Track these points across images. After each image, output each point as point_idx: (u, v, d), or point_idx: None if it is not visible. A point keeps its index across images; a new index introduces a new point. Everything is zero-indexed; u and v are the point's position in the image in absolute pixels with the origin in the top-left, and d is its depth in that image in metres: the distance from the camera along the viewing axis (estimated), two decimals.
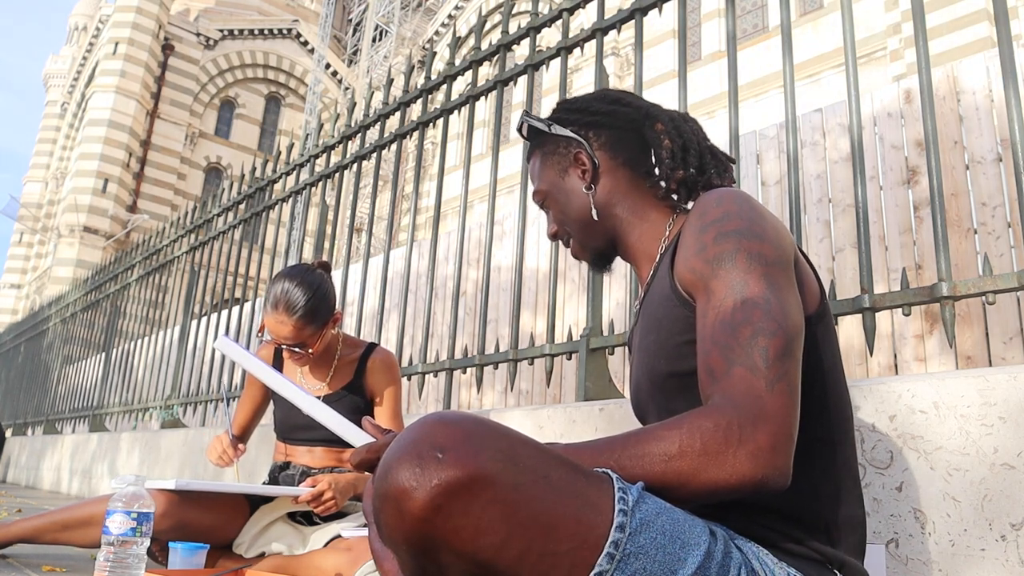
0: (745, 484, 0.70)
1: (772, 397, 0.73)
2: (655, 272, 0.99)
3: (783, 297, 0.79)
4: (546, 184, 1.08)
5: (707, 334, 0.79)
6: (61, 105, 34.95)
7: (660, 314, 0.91)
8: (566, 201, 1.06)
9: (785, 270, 0.82)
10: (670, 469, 0.71)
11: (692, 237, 0.87)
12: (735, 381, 0.74)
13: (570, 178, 1.06)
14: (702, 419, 0.72)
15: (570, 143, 1.06)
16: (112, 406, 5.60)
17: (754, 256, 0.81)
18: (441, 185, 2.89)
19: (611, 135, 1.05)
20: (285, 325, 1.82)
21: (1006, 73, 1.46)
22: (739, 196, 0.87)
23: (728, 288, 0.80)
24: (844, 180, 3.56)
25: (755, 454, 0.70)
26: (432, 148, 18.12)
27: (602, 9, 2.32)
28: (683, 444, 0.71)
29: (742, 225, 0.83)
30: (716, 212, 0.86)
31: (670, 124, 1.05)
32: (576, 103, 1.09)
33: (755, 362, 0.74)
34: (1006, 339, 3.09)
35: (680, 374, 0.88)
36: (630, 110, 1.06)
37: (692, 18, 15.41)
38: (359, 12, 28.89)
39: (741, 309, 0.78)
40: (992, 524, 1.13)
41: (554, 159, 1.07)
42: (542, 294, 4.66)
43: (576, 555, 0.65)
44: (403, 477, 0.63)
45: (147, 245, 5.62)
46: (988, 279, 1.40)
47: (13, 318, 28.13)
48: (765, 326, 0.76)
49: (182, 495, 1.73)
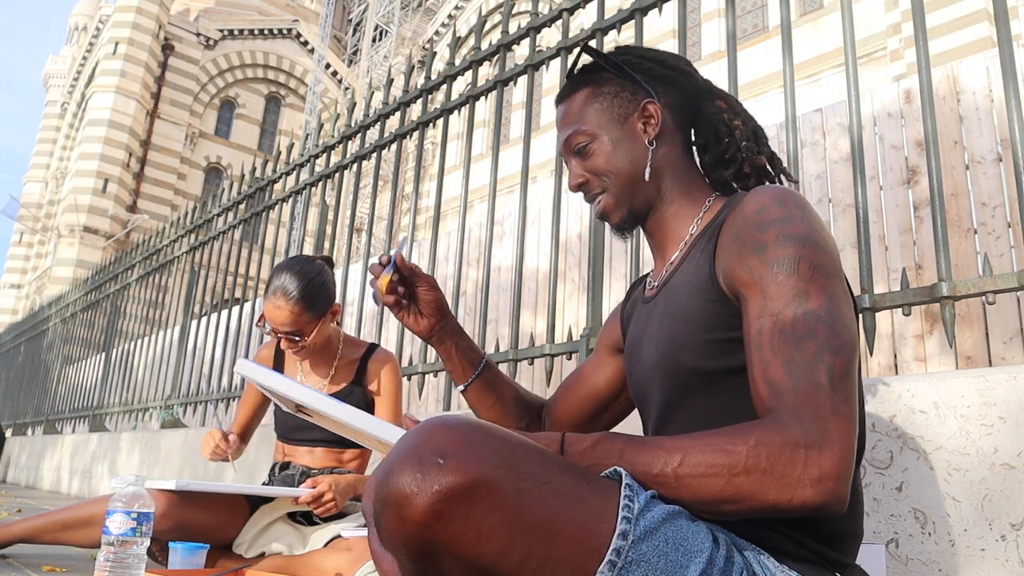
0: (805, 509, 0.69)
1: (837, 421, 0.70)
2: (687, 255, 0.93)
3: (843, 312, 0.77)
4: (596, 126, 0.98)
5: (764, 342, 0.76)
6: (61, 105, 34.95)
7: (691, 305, 0.87)
8: (616, 150, 0.97)
9: (842, 283, 0.80)
10: (731, 485, 0.69)
11: (748, 233, 0.82)
12: (801, 399, 0.71)
13: (630, 127, 0.97)
14: (770, 434, 0.70)
15: (638, 90, 0.97)
16: (112, 406, 5.60)
17: (816, 266, 0.78)
18: (441, 185, 2.89)
19: (678, 97, 0.99)
20: (282, 310, 1.82)
21: (1006, 73, 1.46)
22: (800, 199, 0.84)
23: (788, 296, 0.76)
24: (844, 180, 3.56)
25: (819, 480, 0.68)
26: (432, 148, 18.12)
27: (602, 9, 2.32)
28: (749, 461, 0.69)
29: (804, 231, 0.80)
30: (778, 212, 0.81)
31: (734, 104, 1.01)
32: (649, 53, 1.01)
33: (820, 380, 0.72)
34: (1006, 339, 3.09)
35: (703, 372, 0.86)
36: (697, 78, 1.01)
37: (692, 18, 15.41)
38: (359, 12, 28.89)
39: (804, 321, 0.75)
40: (992, 524, 1.13)
41: (615, 102, 0.98)
42: (542, 294, 4.66)
43: (578, 561, 0.65)
44: (404, 482, 0.62)
45: (147, 245, 5.62)
46: (988, 279, 1.40)
47: (13, 318, 28.12)
48: (830, 342, 0.74)
49: (182, 495, 1.72)
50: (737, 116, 1.00)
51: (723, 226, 0.87)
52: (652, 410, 0.95)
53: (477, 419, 0.69)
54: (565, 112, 1.01)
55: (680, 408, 0.90)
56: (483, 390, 1.15)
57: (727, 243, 0.85)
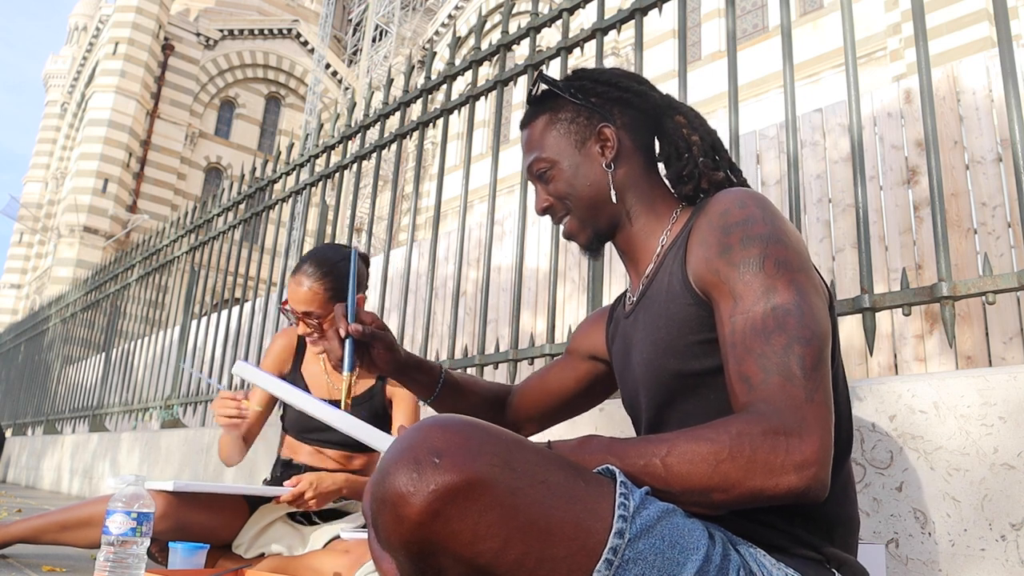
0: (789, 494, 0.70)
1: (813, 408, 0.73)
2: (660, 266, 0.96)
3: (812, 303, 0.79)
4: (555, 153, 1.00)
5: (737, 340, 0.78)
6: (61, 105, 34.94)
7: (670, 311, 0.89)
8: (576, 175, 0.99)
9: (809, 276, 0.82)
10: (718, 472, 0.70)
11: (713, 237, 0.85)
12: (774, 390, 0.74)
13: (587, 152, 0.99)
14: (750, 425, 0.72)
15: (593, 115, 1.00)
16: (112, 406, 5.60)
17: (781, 262, 0.80)
18: (441, 185, 2.88)
19: (634, 117, 1.01)
20: (301, 286, 1.80)
21: (1006, 73, 1.46)
22: (761, 199, 0.86)
23: (757, 294, 0.79)
24: (844, 180, 3.56)
25: (801, 466, 0.70)
26: (432, 148, 18.12)
27: (602, 9, 2.32)
28: (733, 448, 0.70)
29: (766, 230, 0.82)
30: (740, 214, 0.84)
31: (693, 119, 1.02)
32: (602, 75, 1.03)
33: (793, 371, 0.74)
34: (1006, 339, 3.09)
35: (690, 374, 0.87)
36: (655, 96, 1.03)
37: (692, 18, 15.41)
38: (359, 12, 28.89)
39: (772, 316, 0.77)
40: (992, 524, 1.13)
41: (571, 128, 1.00)
42: (542, 294, 4.66)
43: (574, 560, 0.65)
44: (400, 482, 0.63)
45: (147, 245, 5.62)
46: (988, 279, 1.40)
47: (13, 318, 28.13)
48: (800, 334, 0.76)
49: (181, 496, 1.73)
50: (695, 131, 1.02)
51: (691, 232, 0.90)
52: (643, 417, 0.97)
53: (473, 418, 0.69)
54: (528, 138, 1.04)
55: (672, 411, 0.91)
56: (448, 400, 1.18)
57: (695, 248, 0.88)
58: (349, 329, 1.02)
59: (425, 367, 1.14)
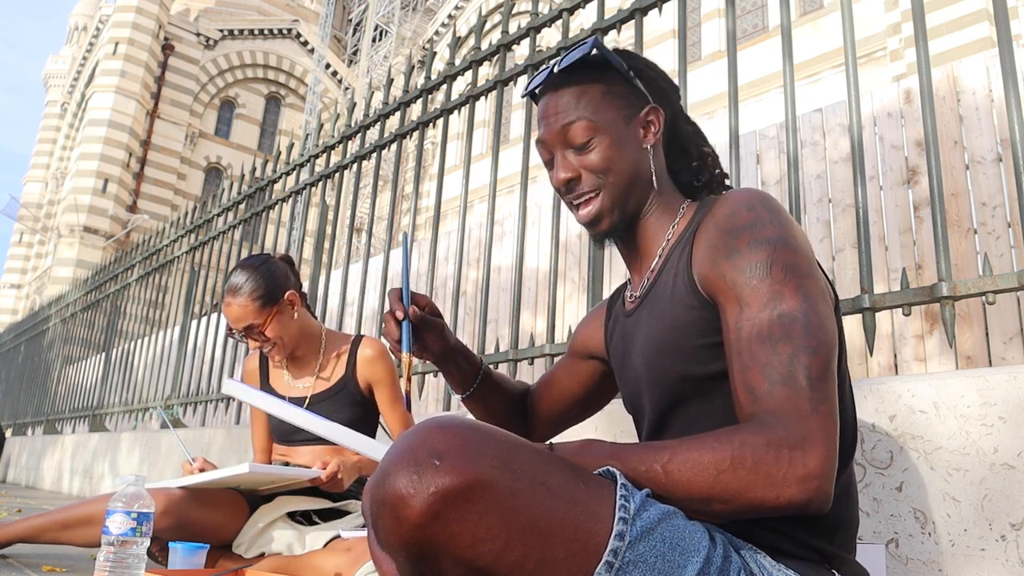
0: (791, 507, 0.70)
1: (818, 420, 0.72)
2: (664, 264, 0.94)
3: (819, 311, 0.78)
4: (600, 118, 0.94)
5: (743, 347, 0.77)
6: (61, 105, 34.96)
7: (675, 314, 0.88)
8: (618, 150, 0.94)
9: (817, 282, 0.81)
10: (719, 482, 0.70)
11: (720, 239, 0.84)
12: (779, 401, 0.73)
13: (633, 130, 0.96)
14: (754, 436, 0.71)
15: (642, 98, 0.98)
16: (112, 406, 5.60)
17: (789, 267, 0.79)
18: (441, 185, 2.89)
19: (668, 113, 1.01)
20: (231, 306, 1.86)
21: (1006, 73, 1.46)
22: (769, 201, 0.85)
23: (763, 300, 0.78)
24: (844, 180, 3.56)
25: (804, 479, 0.69)
26: (432, 148, 18.12)
27: (602, 9, 2.32)
28: (735, 459, 0.70)
29: (774, 233, 0.81)
30: (748, 217, 0.83)
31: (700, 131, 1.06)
32: (651, 63, 1.03)
33: (798, 382, 0.73)
34: (1006, 339, 3.09)
35: (695, 377, 0.86)
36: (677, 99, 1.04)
37: (692, 18, 15.41)
38: (359, 12, 28.89)
39: (779, 323, 0.76)
40: (992, 524, 1.13)
41: (621, 102, 0.96)
42: (542, 294, 4.66)
43: (574, 562, 0.65)
44: (400, 484, 0.63)
45: (147, 245, 5.62)
46: (988, 279, 1.40)
47: (13, 318, 28.13)
48: (806, 343, 0.75)
49: (182, 493, 1.73)
50: (706, 143, 1.04)
51: (696, 233, 0.89)
52: (646, 420, 0.96)
53: (473, 420, 0.69)
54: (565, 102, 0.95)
55: (675, 415, 0.90)
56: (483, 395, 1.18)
57: (701, 249, 0.87)
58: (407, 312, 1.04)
59: (470, 356, 1.16)
